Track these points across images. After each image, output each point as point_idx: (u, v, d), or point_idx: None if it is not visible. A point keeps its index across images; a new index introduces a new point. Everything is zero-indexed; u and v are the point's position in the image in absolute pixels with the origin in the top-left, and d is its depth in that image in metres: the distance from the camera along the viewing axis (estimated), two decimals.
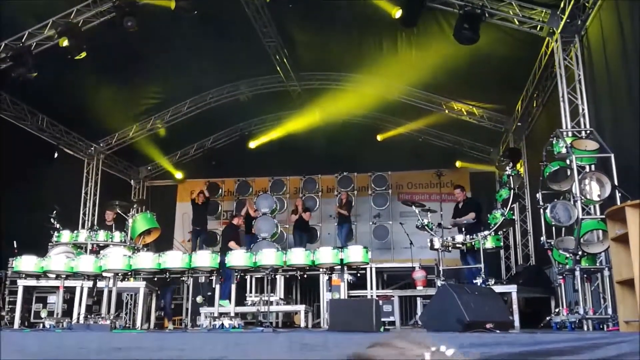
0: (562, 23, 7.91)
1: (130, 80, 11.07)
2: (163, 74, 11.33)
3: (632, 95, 6.38)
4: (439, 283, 7.71)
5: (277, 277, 8.62)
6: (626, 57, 6.63)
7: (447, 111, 12.52)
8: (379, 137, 13.87)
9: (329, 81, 12.85)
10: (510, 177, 7.95)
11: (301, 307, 8.86)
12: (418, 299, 8.55)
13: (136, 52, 10.11)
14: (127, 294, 10.87)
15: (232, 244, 10.33)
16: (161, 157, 14.83)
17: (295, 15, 10.26)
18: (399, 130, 13.73)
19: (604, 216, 5.76)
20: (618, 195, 6.05)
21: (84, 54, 8.93)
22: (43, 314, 8.51)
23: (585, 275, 6.48)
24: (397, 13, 8.79)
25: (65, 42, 8.90)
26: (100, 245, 8.72)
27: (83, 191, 13.14)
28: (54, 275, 7.17)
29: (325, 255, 6.60)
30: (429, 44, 10.03)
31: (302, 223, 12.46)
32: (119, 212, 9.59)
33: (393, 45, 10.68)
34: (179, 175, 15.19)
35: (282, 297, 9.33)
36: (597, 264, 6.50)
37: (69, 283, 7.47)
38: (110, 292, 6.97)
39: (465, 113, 12.40)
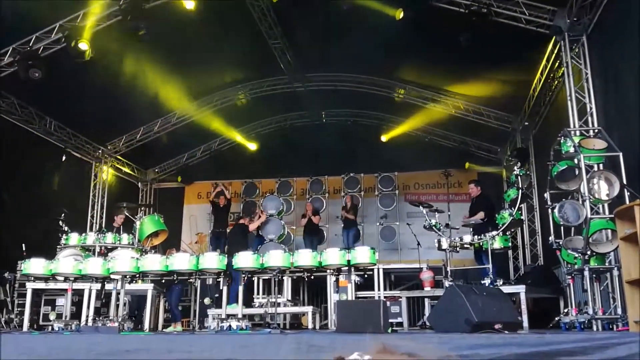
0: (569, 21, 7.87)
1: (136, 83, 11.10)
2: (169, 77, 11.36)
3: None
4: (446, 284, 7.69)
5: (285, 278, 8.64)
6: (634, 54, 6.58)
7: (453, 111, 12.49)
8: (384, 138, 13.86)
9: (334, 82, 12.85)
10: (519, 177, 7.91)
11: (309, 309, 8.85)
12: (426, 299, 8.54)
13: (142, 56, 10.15)
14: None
15: (251, 226, 10.60)
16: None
17: (300, 16, 10.26)
18: (405, 130, 13.68)
19: (612, 215, 5.73)
20: (627, 194, 6.01)
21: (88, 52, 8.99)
22: (52, 317, 8.55)
23: (594, 275, 6.44)
24: (400, 14, 8.76)
25: (83, 45, 8.94)
26: (108, 247, 8.75)
27: (91, 194, 13.22)
28: (62, 278, 7.21)
29: (333, 256, 6.59)
30: (435, 42, 10.00)
31: (312, 227, 12.37)
32: (127, 214, 9.63)
33: (396, 44, 10.65)
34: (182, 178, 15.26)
35: (290, 298, 9.33)
36: (606, 264, 6.46)
37: (78, 285, 7.50)
38: (118, 294, 7.00)
39: (471, 112, 12.36)
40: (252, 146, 14.71)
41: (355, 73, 12.47)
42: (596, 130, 7.11)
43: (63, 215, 8.92)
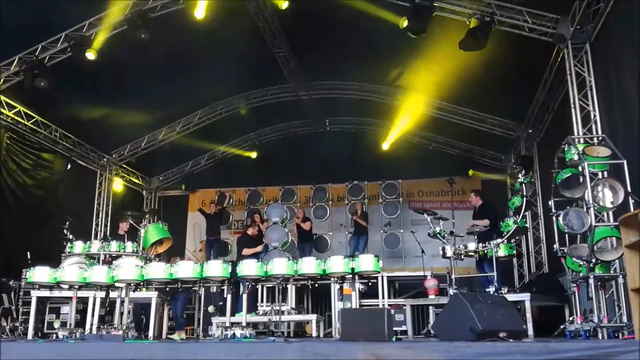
0: (572, 29, 7.88)
1: (141, 92, 11.17)
2: (174, 86, 11.42)
3: None
4: (451, 292, 7.66)
5: (289, 286, 8.63)
6: (638, 62, 6.58)
7: (457, 118, 12.47)
8: (385, 146, 13.80)
9: (338, 90, 12.89)
10: (523, 185, 7.90)
11: (313, 317, 8.82)
12: (430, 308, 8.51)
13: (147, 64, 10.21)
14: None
15: (245, 250, 10.31)
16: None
17: (304, 25, 10.31)
18: (404, 136, 13.60)
19: (617, 223, 5.71)
20: (631, 201, 6.00)
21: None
22: (56, 325, 8.56)
23: (599, 283, 6.40)
24: (404, 23, 8.78)
25: (90, 55, 9.03)
26: (113, 255, 8.76)
27: (96, 202, 13.26)
28: (67, 286, 7.22)
29: (337, 264, 6.58)
30: (439, 52, 10.01)
31: (304, 234, 12.27)
32: (132, 222, 9.64)
33: (402, 54, 10.68)
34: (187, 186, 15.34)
35: (294, 306, 9.30)
36: (611, 272, 6.43)
37: (82, 293, 7.50)
38: (122, 302, 7.00)
39: (475, 120, 12.36)
40: (256, 154, 14.75)
41: (359, 81, 12.51)
42: (600, 138, 7.10)
43: (68, 223, 8.94)
